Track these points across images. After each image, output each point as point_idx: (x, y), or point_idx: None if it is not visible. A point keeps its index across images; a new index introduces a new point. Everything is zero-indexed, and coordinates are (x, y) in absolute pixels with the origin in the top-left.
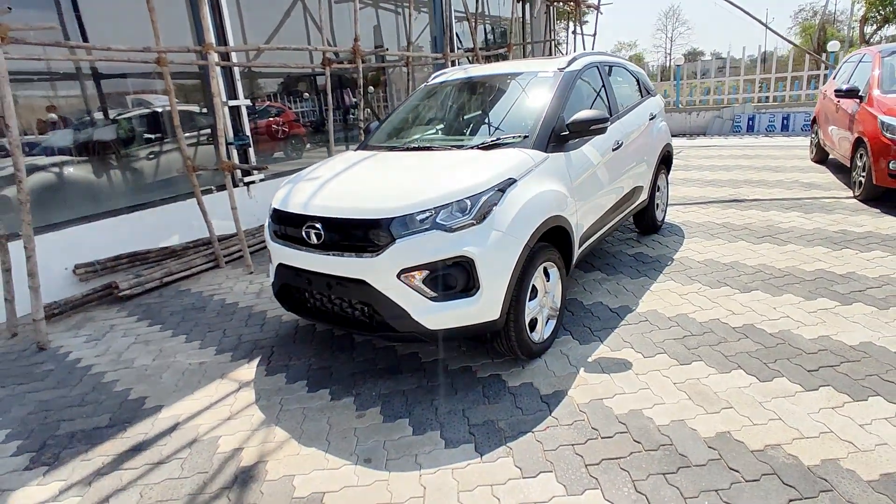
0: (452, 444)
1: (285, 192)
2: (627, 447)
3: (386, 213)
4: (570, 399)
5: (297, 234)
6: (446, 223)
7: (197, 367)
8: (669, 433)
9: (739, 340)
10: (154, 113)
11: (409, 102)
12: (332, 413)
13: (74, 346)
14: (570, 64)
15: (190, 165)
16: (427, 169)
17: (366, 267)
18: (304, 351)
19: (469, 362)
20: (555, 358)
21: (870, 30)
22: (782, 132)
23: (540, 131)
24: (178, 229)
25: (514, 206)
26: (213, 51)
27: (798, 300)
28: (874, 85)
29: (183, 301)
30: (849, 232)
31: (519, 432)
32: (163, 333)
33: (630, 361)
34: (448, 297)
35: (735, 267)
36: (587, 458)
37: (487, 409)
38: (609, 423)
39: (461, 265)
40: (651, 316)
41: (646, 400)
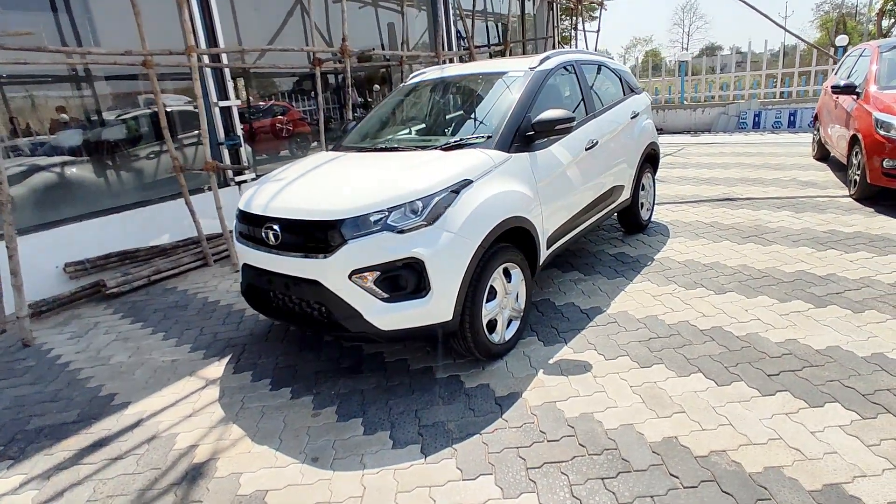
0: (400, 444)
1: (251, 193)
2: (571, 451)
3: (337, 215)
4: (523, 401)
5: (258, 234)
6: (397, 224)
7: (169, 364)
8: (616, 437)
9: (705, 343)
10: (145, 114)
11: (385, 102)
12: (290, 411)
13: (57, 343)
14: (542, 63)
15: (178, 165)
16: (386, 170)
17: (318, 267)
18: (273, 349)
19: (431, 363)
20: (516, 359)
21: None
22: (789, 128)
23: (504, 131)
24: (168, 228)
25: (468, 207)
26: (196, 52)
27: (772, 302)
28: (871, 80)
29: (168, 299)
30: (837, 232)
31: (467, 434)
32: (143, 331)
33: (591, 363)
34: (399, 298)
35: (714, 268)
36: (529, 461)
37: (440, 410)
38: (558, 427)
39: (412, 266)
40: (620, 317)
41: (599, 403)
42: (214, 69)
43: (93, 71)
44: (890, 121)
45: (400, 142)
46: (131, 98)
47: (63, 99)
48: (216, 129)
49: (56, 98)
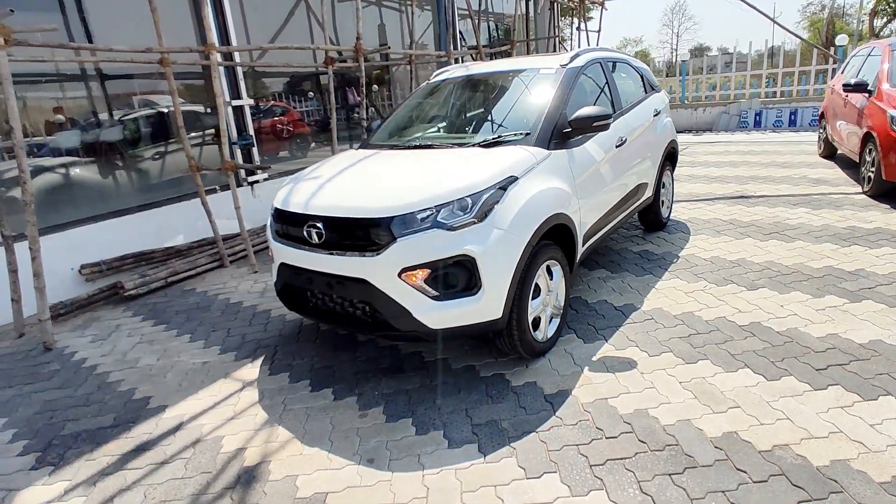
0: (455, 443)
1: (286, 192)
2: (632, 447)
3: (386, 212)
4: (574, 399)
5: (298, 233)
6: (447, 222)
7: (200, 366)
8: (675, 433)
9: (746, 339)
10: (159, 114)
11: (410, 101)
12: (335, 413)
13: (80, 345)
14: (573, 60)
15: (194, 165)
16: (428, 167)
17: (366, 266)
18: (307, 350)
19: (473, 361)
20: (559, 357)
21: (879, 23)
22: (790, 127)
23: (542, 128)
24: (182, 229)
25: (516, 204)
26: (216, 51)
27: (806, 297)
28: (883, 78)
29: (188, 300)
30: (857, 228)
31: (523, 432)
32: (167, 333)
33: (635, 360)
34: (450, 296)
35: (742, 264)
36: (592, 458)
37: (491, 409)
38: (614, 423)
39: (462, 264)
40: (656, 314)
41: (651, 399)
42: (227, 68)
43: (103, 70)
44: None
45: (434, 139)
46: (142, 98)
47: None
48: (229, 129)
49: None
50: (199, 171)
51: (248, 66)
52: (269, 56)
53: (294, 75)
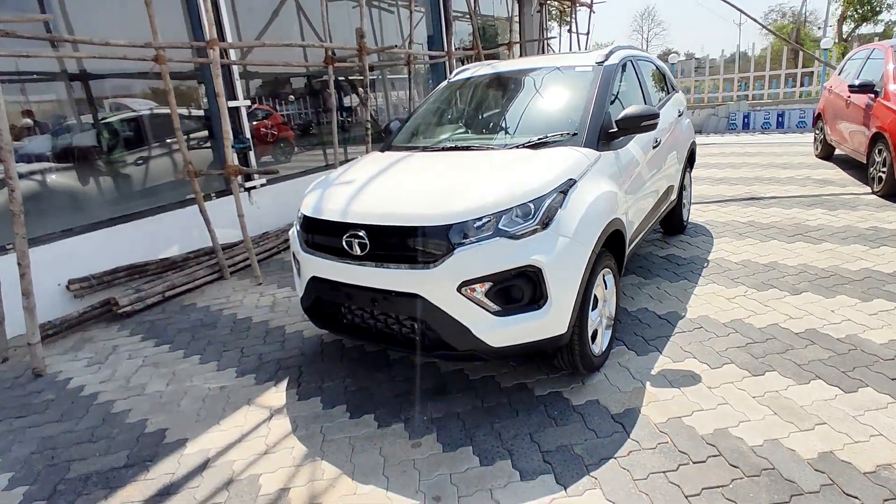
0: (528, 475)
1: (316, 198)
2: (726, 473)
3: (443, 220)
4: (645, 418)
5: (335, 243)
6: (510, 229)
7: (218, 392)
8: (767, 455)
9: (807, 347)
10: (147, 116)
11: (432, 101)
12: (383, 442)
13: (75, 371)
14: (608, 58)
15: (192, 170)
16: (477, 170)
17: (420, 280)
18: (336, 370)
19: (522, 379)
20: (614, 371)
21: (847, 29)
22: (778, 129)
23: (590, 128)
24: (177, 239)
25: (578, 209)
26: (218, 46)
27: (854, 302)
28: (890, 79)
29: (190, 317)
30: (881, 229)
31: (600, 459)
32: (173, 354)
33: (698, 374)
34: (513, 311)
35: (776, 268)
36: (685, 487)
37: (557, 433)
38: (697, 446)
39: (527, 275)
40: (704, 322)
41: (728, 417)
42: (224, 69)
43: (87, 69)
44: None
45: (469, 140)
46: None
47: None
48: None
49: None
50: (197, 177)
51: (247, 64)
52: (265, 55)
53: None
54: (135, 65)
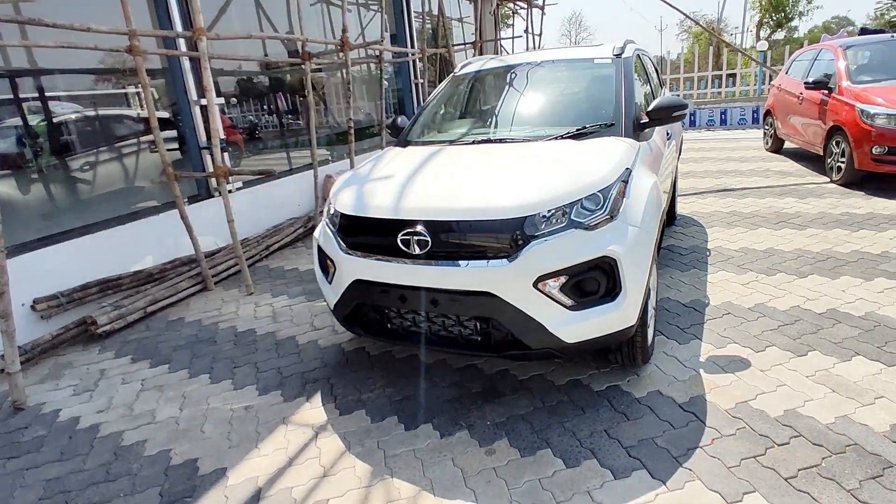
0: (621, 473)
1: (353, 195)
2: (813, 453)
3: (517, 212)
4: (713, 405)
5: (387, 242)
6: (583, 220)
7: (244, 413)
8: (843, 431)
9: (835, 326)
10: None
11: (442, 95)
12: (454, 453)
13: (61, 401)
14: (624, 50)
15: (171, 174)
16: (530, 161)
17: (493, 277)
18: (370, 380)
19: (575, 375)
20: (663, 361)
21: (764, 34)
22: (721, 126)
23: (626, 118)
24: (151, 249)
25: (640, 198)
26: (206, 36)
27: (859, 281)
28: (842, 76)
29: (181, 333)
30: (853, 214)
31: (685, 450)
32: (176, 375)
33: (745, 358)
34: (587, 305)
35: (775, 253)
36: (780, 470)
37: (633, 427)
38: (774, 428)
39: (601, 267)
40: (731, 308)
41: (792, 398)
42: (193, 63)
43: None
44: (875, 111)
45: (503, 132)
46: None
47: None
48: (196, 132)
49: None
50: (177, 180)
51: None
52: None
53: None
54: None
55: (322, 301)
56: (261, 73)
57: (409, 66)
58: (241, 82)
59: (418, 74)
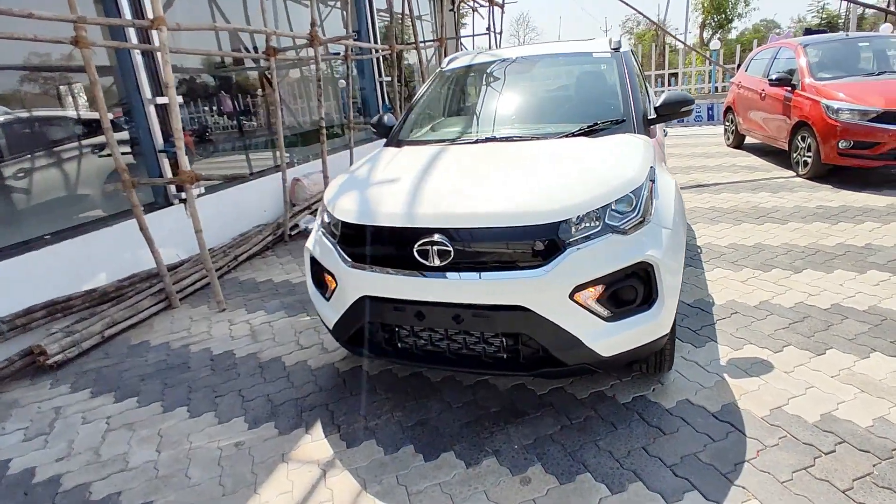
0: (672, 496)
1: (356, 201)
2: (862, 461)
3: (552, 217)
4: (748, 413)
5: (401, 254)
6: (618, 224)
7: (235, 451)
8: (885, 434)
9: (844, 321)
10: (54, 118)
11: (431, 92)
12: (485, 484)
13: (10, 448)
14: (621, 45)
15: (128, 180)
16: (552, 160)
17: (528, 288)
18: (375, 403)
19: (595, 387)
20: (683, 366)
21: (707, 35)
22: (678, 123)
23: (636, 114)
24: (104, 264)
25: (668, 198)
26: (166, 26)
27: (853, 275)
28: (805, 73)
29: (147, 359)
30: (827, 207)
31: (732, 465)
32: (146, 409)
33: (765, 359)
34: (624, 315)
35: (764, 249)
36: (836, 482)
37: (670, 442)
38: (816, 435)
39: (637, 274)
40: (737, 307)
41: (825, 400)
42: (146, 57)
43: None
44: (839, 106)
45: (508, 130)
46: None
47: None
48: (153, 134)
49: None
50: (136, 187)
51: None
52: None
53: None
54: (21, 49)
55: (306, 316)
56: (219, 70)
57: (373, 64)
58: (195, 79)
59: (382, 72)
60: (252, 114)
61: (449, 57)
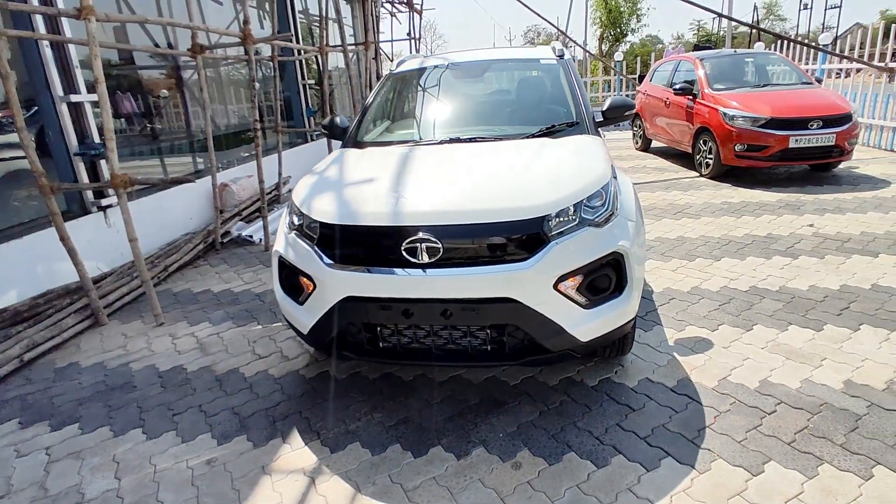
0: (650, 464)
1: (334, 202)
2: (798, 417)
3: (539, 210)
4: (700, 385)
5: (388, 253)
6: (592, 218)
7: (208, 469)
8: (812, 393)
9: (763, 301)
10: None
11: (383, 93)
12: (478, 473)
13: None
14: (563, 52)
15: (47, 185)
16: (525, 159)
17: (515, 280)
18: (351, 407)
19: (564, 373)
20: (638, 349)
21: (606, 47)
22: None
23: (587, 117)
24: (13, 280)
25: (628, 192)
26: (95, 17)
27: (762, 261)
28: (704, 84)
29: (81, 381)
30: (731, 203)
31: (696, 432)
32: (92, 435)
33: (705, 338)
34: (600, 302)
35: (686, 241)
36: (781, 436)
37: (642, 417)
38: (758, 399)
39: (610, 264)
40: (673, 293)
41: (761, 369)
42: (56, 51)
43: None
44: (734, 113)
45: (471, 131)
46: None
47: None
48: (66, 135)
49: None
50: (55, 194)
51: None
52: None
53: None
54: None
55: (257, 325)
56: (128, 67)
57: (296, 67)
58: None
59: (305, 75)
60: (169, 115)
61: (398, 59)
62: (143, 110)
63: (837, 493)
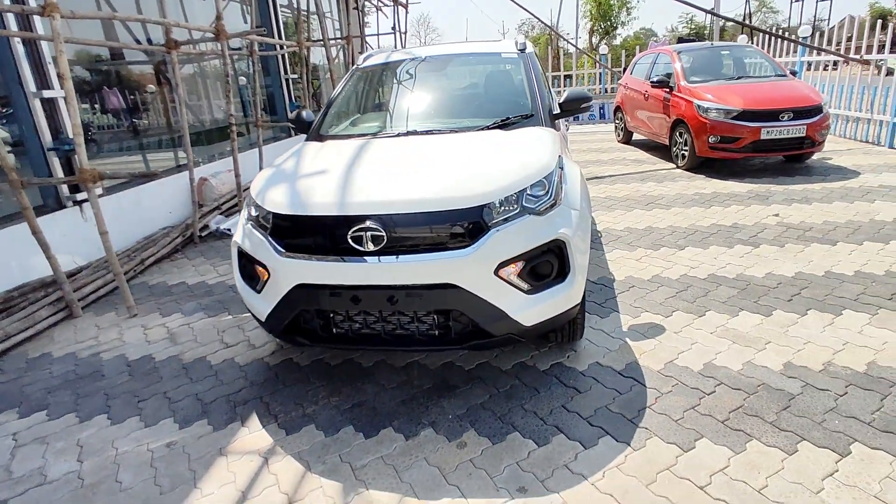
0: (589, 442)
1: (287, 193)
2: (735, 397)
3: (476, 200)
4: (647, 369)
5: (336, 241)
6: (534, 206)
7: (167, 451)
8: (751, 374)
9: (718, 288)
10: None
11: (348, 87)
12: (425, 453)
13: None
14: (526, 46)
15: (17, 180)
16: (472, 151)
17: (456, 267)
18: (310, 392)
19: (518, 358)
20: (592, 335)
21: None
22: (574, 121)
23: (543, 110)
24: None
25: (574, 183)
26: (59, 13)
27: (724, 250)
28: (680, 77)
29: (51, 371)
30: (702, 194)
31: (637, 411)
32: (58, 422)
33: (658, 324)
34: (542, 288)
35: (654, 231)
36: (716, 415)
37: (586, 399)
38: (700, 381)
39: (552, 251)
40: (634, 282)
41: (706, 352)
42: (28, 47)
43: None
44: (708, 106)
45: (429, 124)
46: None
47: None
48: (39, 130)
49: None
50: (25, 188)
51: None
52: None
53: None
54: None
55: (228, 315)
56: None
57: (279, 61)
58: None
59: (288, 70)
60: (148, 111)
61: (364, 55)
62: (126, 106)
63: (761, 466)
